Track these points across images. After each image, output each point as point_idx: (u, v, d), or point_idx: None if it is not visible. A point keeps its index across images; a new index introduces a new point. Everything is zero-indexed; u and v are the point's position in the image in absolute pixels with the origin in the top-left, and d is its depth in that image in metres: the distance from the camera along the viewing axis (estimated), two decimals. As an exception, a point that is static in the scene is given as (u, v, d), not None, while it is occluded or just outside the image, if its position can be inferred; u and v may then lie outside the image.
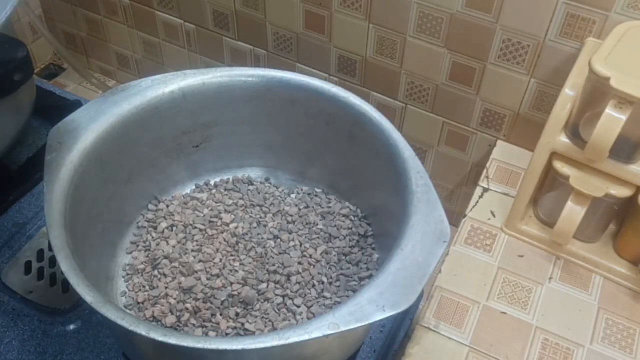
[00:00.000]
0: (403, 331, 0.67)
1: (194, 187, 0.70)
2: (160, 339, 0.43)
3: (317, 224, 0.65)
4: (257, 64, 1.03)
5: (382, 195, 0.61)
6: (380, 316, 0.44)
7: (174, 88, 0.62)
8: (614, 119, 0.59)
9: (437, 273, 0.72)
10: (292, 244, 0.64)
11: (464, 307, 0.68)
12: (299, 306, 0.58)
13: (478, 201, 0.80)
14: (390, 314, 0.44)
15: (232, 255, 0.62)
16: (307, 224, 0.66)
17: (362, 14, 0.85)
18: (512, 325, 0.67)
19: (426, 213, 0.51)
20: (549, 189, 0.73)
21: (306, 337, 0.43)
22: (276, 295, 0.59)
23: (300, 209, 0.67)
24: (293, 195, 0.69)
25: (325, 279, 0.61)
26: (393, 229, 0.53)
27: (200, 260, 0.61)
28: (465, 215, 0.78)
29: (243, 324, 0.57)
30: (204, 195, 0.68)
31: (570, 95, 0.66)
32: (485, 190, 0.81)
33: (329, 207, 0.67)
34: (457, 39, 0.81)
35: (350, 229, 0.65)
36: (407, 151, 0.56)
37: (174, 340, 0.43)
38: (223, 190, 0.69)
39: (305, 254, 0.63)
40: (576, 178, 0.66)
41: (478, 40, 0.79)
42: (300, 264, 0.62)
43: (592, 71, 0.60)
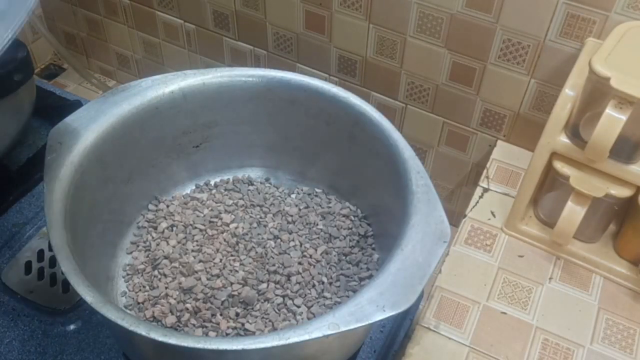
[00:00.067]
0: (403, 331, 0.67)
1: (194, 187, 0.70)
2: (160, 339, 0.43)
3: (317, 224, 0.65)
4: (257, 64, 1.03)
5: (382, 195, 0.61)
6: (380, 316, 0.44)
7: (174, 88, 0.62)
8: (614, 119, 0.59)
9: (437, 273, 0.72)
10: (292, 244, 0.64)
11: (464, 307, 0.68)
12: (299, 306, 0.58)
13: (478, 201, 0.80)
14: (390, 314, 0.44)
15: (232, 255, 0.62)
16: (307, 224, 0.66)
17: (362, 14, 0.85)
18: (512, 325, 0.67)
19: (426, 213, 0.51)
20: (549, 189, 0.73)
21: (306, 337, 0.43)
22: (276, 295, 0.59)
23: (300, 209, 0.67)
24: (293, 195, 0.69)
25: (325, 279, 0.61)
26: (393, 229, 0.53)
27: (200, 260, 0.61)
28: (465, 215, 0.78)
29: (243, 324, 0.57)
30: (204, 195, 0.68)
31: (570, 95, 0.66)
32: (485, 190, 0.81)
33: (329, 207, 0.67)
34: (457, 39, 0.80)
35: (350, 229, 0.65)
36: (407, 151, 0.56)
37: (174, 340, 0.43)
38: (223, 190, 0.69)
39: (305, 254, 0.63)
40: (576, 178, 0.66)
41: (478, 40, 0.79)
42: (300, 264, 0.62)
43: (592, 71, 0.60)
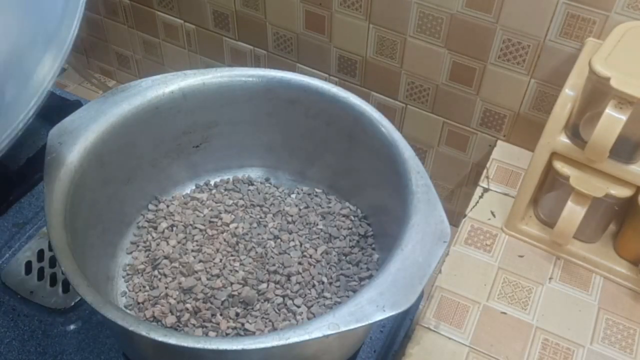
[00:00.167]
0: (403, 331, 0.67)
1: (194, 187, 0.70)
2: (160, 339, 0.43)
3: (317, 224, 0.65)
4: (257, 64, 1.03)
5: (382, 195, 0.61)
6: (380, 316, 0.44)
7: (174, 88, 0.62)
8: (614, 119, 0.59)
9: (437, 273, 0.72)
10: (292, 244, 0.64)
11: (464, 307, 0.68)
12: (299, 306, 0.58)
13: (478, 201, 0.80)
14: (390, 314, 0.44)
15: (232, 255, 0.62)
16: (307, 224, 0.66)
17: (362, 14, 0.85)
18: (512, 325, 0.67)
19: (426, 213, 0.51)
20: (549, 189, 0.73)
21: (306, 337, 0.43)
22: (276, 295, 0.59)
23: (300, 209, 0.67)
24: (293, 195, 0.69)
25: (325, 279, 0.61)
26: (393, 229, 0.53)
27: (200, 260, 0.61)
28: (465, 215, 0.78)
29: (243, 324, 0.57)
30: (204, 195, 0.68)
31: (570, 95, 0.66)
32: (485, 190, 0.81)
33: (329, 207, 0.67)
34: (457, 39, 0.80)
35: (350, 229, 0.65)
36: (407, 151, 0.56)
37: (174, 340, 0.43)
38: (223, 190, 0.69)
39: (305, 254, 0.63)
40: (576, 178, 0.66)
41: (478, 40, 0.79)
42: (300, 264, 0.62)
43: (592, 71, 0.60)
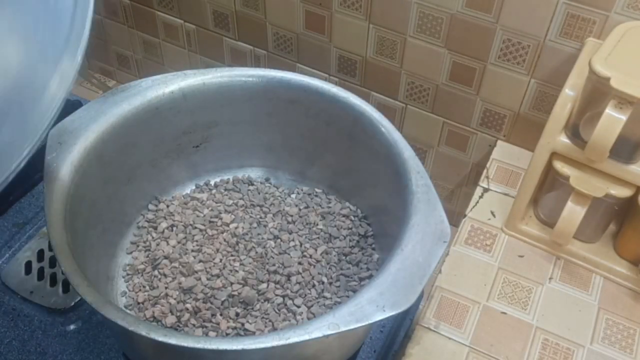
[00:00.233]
0: (403, 331, 0.67)
1: (194, 187, 0.70)
2: (160, 339, 0.43)
3: (317, 224, 0.65)
4: (257, 64, 1.02)
5: (382, 195, 0.61)
6: (380, 316, 0.44)
7: (174, 88, 0.62)
8: (614, 119, 0.59)
9: (437, 273, 0.72)
10: (292, 244, 0.64)
11: (464, 307, 0.68)
12: (299, 306, 0.58)
13: (478, 201, 0.80)
14: (390, 314, 0.44)
15: (232, 255, 0.62)
16: (307, 224, 0.66)
17: (362, 14, 0.85)
18: (512, 325, 0.67)
19: (426, 213, 0.51)
20: (549, 189, 0.73)
21: (306, 337, 0.43)
22: (276, 295, 0.59)
23: (300, 209, 0.67)
24: (293, 195, 0.69)
25: (325, 279, 0.61)
26: (393, 229, 0.53)
27: (200, 260, 0.61)
28: (465, 215, 0.78)
29: (243, 324, 0.57)
30: (204, 195, 0.68)
31: (570, 95, 0.66)
32: (485, 190, 0.81)
33: (329, 207, 0.67)
34: (457, 39, 0.80)
35: (350, 229, 0.65)
36: (407, 151, 0.56)
37: (174, 340, 0.43)
38: (223, 190, 0.69)
39: (305, 254, 0.63)
40: (576, 178, 0.66)
41: (478, 40, 0.79)
42: (300, 264, 0.62)
43: (592, 71, 0.60)
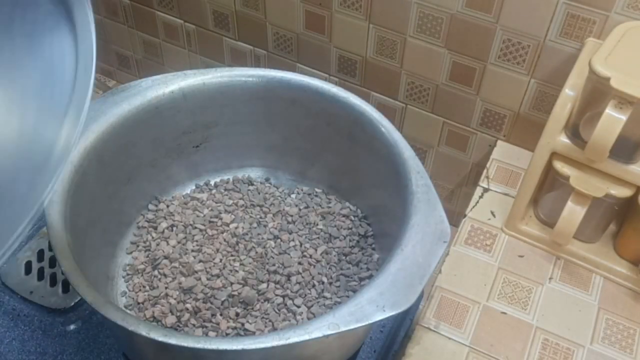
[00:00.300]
0: (403, 331, 0.67)
1: (194, 187, 0.70)
2: (160, 339, 0.43)
3: (317, 224, 0.65)
4: (257, 64, 1.02)
5: (382, 195, 0.61)
6: (380, 316, 0.44)
7: (174, 88, 0.62)
8: (614, 119, 0.59)
9: (437, 273, 0.72)
10: (292, 244, 0.64)
11: (464, 307, 0.68)
12: (299, 306, 0.58)
13: (478, 201, 0.80)
14: (390, 314, 0.44)
15: (232, 255, 0.62)
16: (307, 224, 0.66)
17: (362, 14, 0.85)
18: (512, 325, 0.67)
19: (426, 213, 0.51)
20: (549, 189, 0.73)
21: (306, 337, 0.43)
22: (276, 295, 0.59)
23: (300, 209, 0.67)
24: (293, 195, 0.69)
25: (325, 279, 0.61)
26: (393, 229, 0.53)
27: (200, 260, 0.61)
28: (465, 215, 0.78)
29: (243, 324, 0.57)
30: (204, 195, 0.68)
31: (570, 95, 0.66)
32: (485, 190, 0.81)
33: (329, 207, 0.67)
34: (457, 39, 0.80)
35: (350, 229, 0.65)
36: (407, 151, 0.56)
37: (174, 340, 0.43)
38: (223, 190, 0.69)
39: (305, 254, 0.63)
40: (576, 178, 0.66)
41: (478, 40, 0.79)
42: (300, 264, 0.62)
43: (592, 71, 0.60)
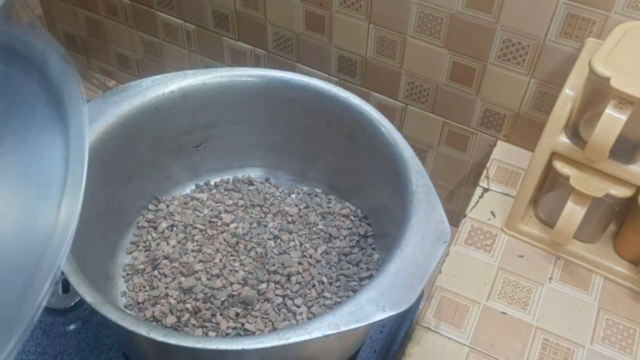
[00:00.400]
0: (403, 331, 0.67)
1: (194, 187, 0.70)
2: (160, 339, 0.43)
3: (317, 224, 0.65)
4: (257, 64, 1.02)
5: (382, 195, 0.61)
6: (380, 316, 0.44)
7: (174, 88, 0.62)
8: (614, 119, 0.59)
9: (437, 273, 0.72)
10: (292, 244, 0.64)
11: (464, 307, 0.68)
12: (299, 306, 0.58)
13: (478, 201, 0.80)
14: (390, 314, 0.44)
15: (232, 255, 0.62)
16: (307, 224, 0.66)
17: (362, 14, 0.85)
18: (512, 325, 0.67)
19: (426, 213, 0.51)
20: (549, 189, 0.73)
21: (306, 337, 0.43)
22: (276, 295, 0.59)
23: (300, 209, 0.67)
24: (293, 195, 0.69)
25: (325, 279, 0.61)
26: (393, 229, 0.53)
27: (200, 260, 0.61)
28: (465, 215, 0.78)
29: (243, 324, 0.57)
30: (204, 195, 0.68)
31: (570, 95, 0.66)
32: (485, 190, 0.81)
33: (329, 207, 0.67)
34: (457, 39, 0.80)
35: (350, 229, 0.65)
36: (407, 151, 0.56)
37: (174, 340, 0.43)
38: (223, 190, 0.69)
39: (305, 254, 0.63)
40: (576, 178, 0.66)
41: (478, 40, 0.79)
42: (300, 264, 0.62)
43: (592, 71, 0.60)
